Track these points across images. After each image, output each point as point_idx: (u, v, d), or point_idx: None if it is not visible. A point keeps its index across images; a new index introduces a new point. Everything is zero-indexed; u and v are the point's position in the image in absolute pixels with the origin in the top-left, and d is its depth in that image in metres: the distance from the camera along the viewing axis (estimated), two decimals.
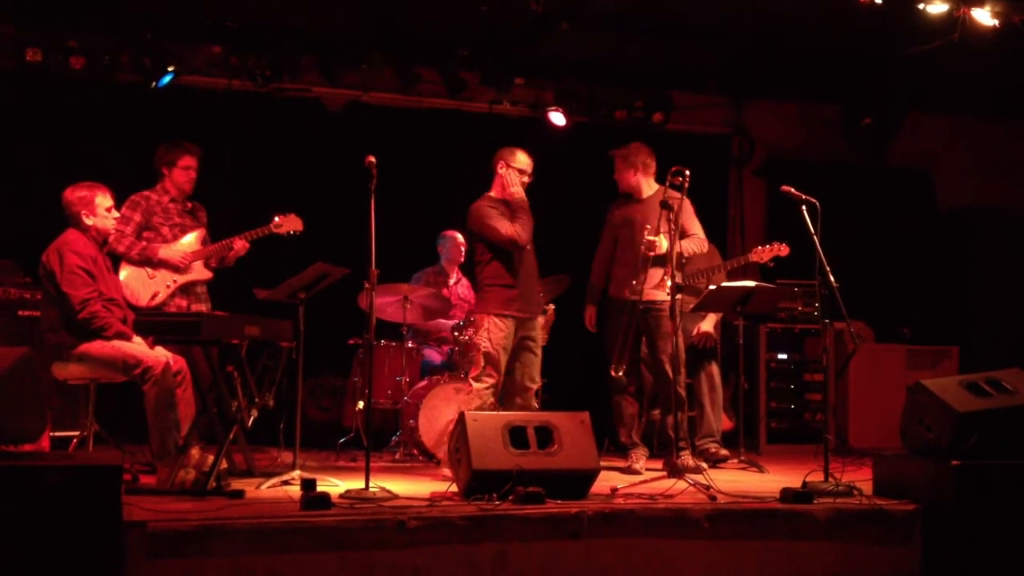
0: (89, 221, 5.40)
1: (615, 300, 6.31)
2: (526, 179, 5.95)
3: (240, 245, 6.09)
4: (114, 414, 5.94)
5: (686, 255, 6.10)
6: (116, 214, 5.55)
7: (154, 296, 5.94)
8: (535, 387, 5.94)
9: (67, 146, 7.28)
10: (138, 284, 5.95)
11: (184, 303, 6.02)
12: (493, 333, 5.75)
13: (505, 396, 5.99)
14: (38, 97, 7.30)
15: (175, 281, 6.00)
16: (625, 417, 6.30)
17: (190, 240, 6.09)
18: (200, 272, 6.10)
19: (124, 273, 5.92)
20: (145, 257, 5.94)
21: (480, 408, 5.57)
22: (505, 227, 5.74)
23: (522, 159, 5.97)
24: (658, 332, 6.11)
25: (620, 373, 5.99)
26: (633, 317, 6.11)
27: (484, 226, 5.81)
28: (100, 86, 7.37)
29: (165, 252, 5.97)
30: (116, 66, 7.32)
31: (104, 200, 5.45)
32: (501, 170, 5.96)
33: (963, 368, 8.11)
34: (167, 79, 7.39)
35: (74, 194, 5.42)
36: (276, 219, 6.09)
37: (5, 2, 7.01)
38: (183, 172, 6.09)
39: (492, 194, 5.99)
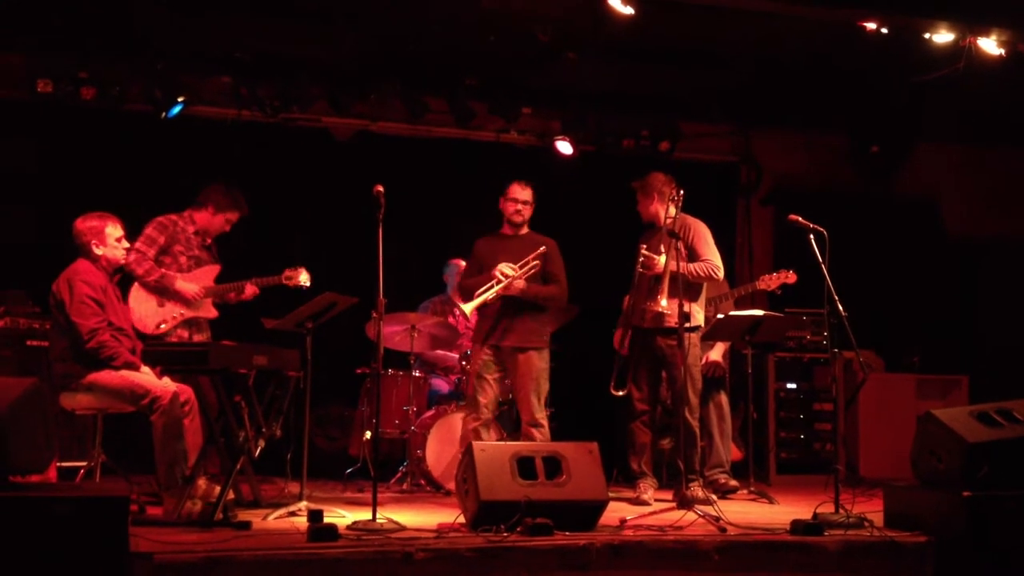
0: (99, 251, 5.42)
1: (632, 328, 6.30)
2: (519, 207, 6.21)
3: (250, 290, 6.18)
4: (121, 444, 5.94)
5: (691, 277, 6.04)
6: (126, 244, 5.56)
7: (159, 325, 5.96)
8: (527, 418, 6.05)
9: (76, 176, 7.32)
10: (146, 310, 5.97)
11: (186, 333, 6.04)
12: (471, 360, 6.17)
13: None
14: (48, 127, 7.34)
15: (182, 314, 6.02)
16: (637, 445, 6.24)
17: (205, 275, 6.12)
18: (207, 310, 6.14)
19: (136, 298, 5.95)
20: (162, 285, 5.96)
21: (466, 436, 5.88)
22: (465, 279, 6.24)
23: (514, 189, 6.23)
24: (669, 361, 6.10)
25: (620, 393, 6.12)
26: (638, 342, 6.12)
27: None
28: (110, 116, 7.41)
29: (182, 284, 5.99)
30: (126, 96, 7.36)
31: (115, 230, 5.47)
32: (501, 205, 6.25)
33: (973, 397, 8.07)
34: (177, 109, 7.44)
35: (84, 224, 5.43)
36: (286, 272, 6.19)
37: (16, 33, 7.07)
38: (223, 222, 6.22)
39: (502, 230, 6.28)
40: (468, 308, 6.00)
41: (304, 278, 6.18)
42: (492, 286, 5.96)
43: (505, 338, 6.04)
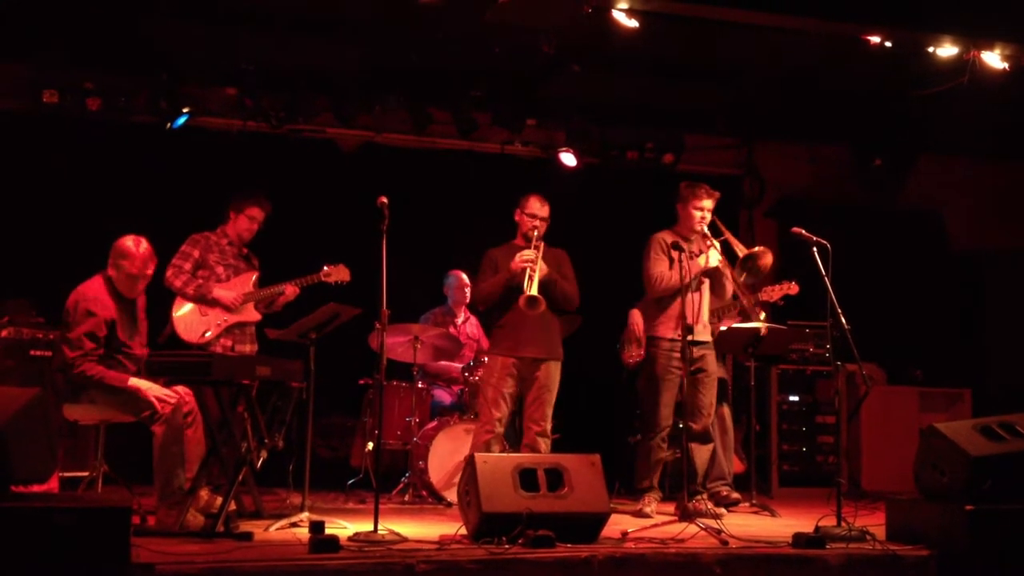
0: (112, 274, 5.38)
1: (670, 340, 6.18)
2: (537, 223, 5.99)
3: (291, 291, 6.18)
4: (124, 455, 5.94)
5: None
6: (144, 281, 5.47)
7: (204, 334, 5.99)
8: (538, 428, 5.91)
9: (82, 187, 7.34)
10: (190, 320, 6.01)
11: (229, 343, 6.05)
12: (485, 370, 5.98)
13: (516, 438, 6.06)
14: (54, 138, 7.36)
15: (225, 320, 6.05)
16: (652, 461, 6.15)
17: (242, 281, 6.14)
18: (250, 314, 6.16)
19: (180, 310, 6.01)
20: (199, 294, 6.00)
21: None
22: (480, 283, 6.01)
23: (533, 204, 6.05)
24: (706, 371, 6.17)
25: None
26: (671, 357, 6.12)
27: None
28: (116, 127, 7.44)
29: (219, 291, 6.03)
30: (132, 107, 7.40)
31: (143, 269, 5.36)
32: (517, 218, 6.09)
33: (976, 411, 8.06)
34: (182, 120, 7.47)
35: (130, 248, 5.35)
36: (325, 268, 6.18)
37: (22, 44, 7.10)
38: (247, 220, 6.20)
39: (516, 241, 6.10)
40: (534, 290, 5.71)
41: (344, 273, 6.18)
42: (529, 270, 5.77)
43: (527, 348, 5.91)
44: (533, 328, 5.91)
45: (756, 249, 5.99)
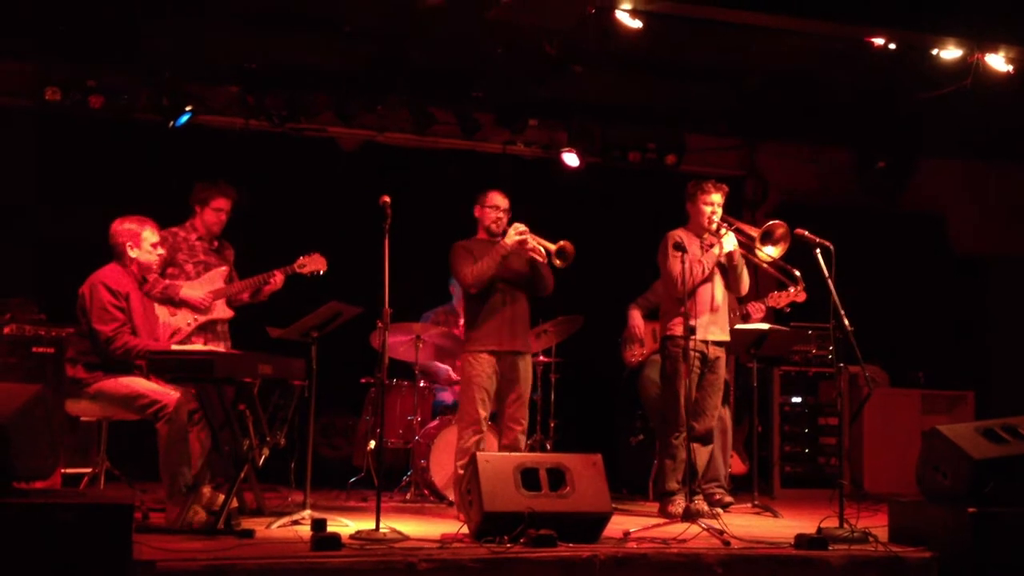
0: (133, 254, 5.38)
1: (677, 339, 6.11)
2: (500, 215, 6.02)
3: (280, 278, 6.11)
4: (127, 451, 5.93)
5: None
6: (161, 251, 5.52)
7: (174, 334, 5.96)
8: (520, 428, 5.87)
9: (84, 184, 7.33)
10: (160, 320, 5.97)
11: (201, 340, 6.02)
12: (466, 370, 5.83)
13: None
14: (56, 136, 7.36)
15: (196, 319, 6.02)
16: (678, 461, 6.03)
17: (212, 278, 6.11)
18: (221, 311, 6.12)
19: None
20: (167, 296, 5.96)
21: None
22: (470, 267, 5.86)
23: (495, 197, 6.06)
24: (715, 372, 6.17)
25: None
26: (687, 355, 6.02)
27: (452, 266, 6.00)
28: (118, 125, 7.43)
29: (187, 292, 5.99)
30: (134, 105, 7.39)
31: (151, 235, 5.44)
32: (477, 213, 6.08)
33: (979, 413, 8.06)
34: (184, 118, 7.46)
35: (121, 226, 5.41)
36: (300, 259, 6.13)
37: (25, 41, 7.10)
38: (213, 213, 6.14)
39: (478, 236, 6.09)
40: (553, 246, 5.78)
41: (319, 263, 6.11)
42: (529, 240, 5.81)
43: (513, 342, 5.87)
44: (517, 321, 5.91)
45: (767, 225, 5.94)
